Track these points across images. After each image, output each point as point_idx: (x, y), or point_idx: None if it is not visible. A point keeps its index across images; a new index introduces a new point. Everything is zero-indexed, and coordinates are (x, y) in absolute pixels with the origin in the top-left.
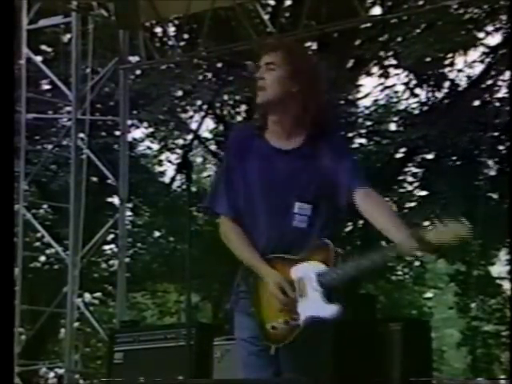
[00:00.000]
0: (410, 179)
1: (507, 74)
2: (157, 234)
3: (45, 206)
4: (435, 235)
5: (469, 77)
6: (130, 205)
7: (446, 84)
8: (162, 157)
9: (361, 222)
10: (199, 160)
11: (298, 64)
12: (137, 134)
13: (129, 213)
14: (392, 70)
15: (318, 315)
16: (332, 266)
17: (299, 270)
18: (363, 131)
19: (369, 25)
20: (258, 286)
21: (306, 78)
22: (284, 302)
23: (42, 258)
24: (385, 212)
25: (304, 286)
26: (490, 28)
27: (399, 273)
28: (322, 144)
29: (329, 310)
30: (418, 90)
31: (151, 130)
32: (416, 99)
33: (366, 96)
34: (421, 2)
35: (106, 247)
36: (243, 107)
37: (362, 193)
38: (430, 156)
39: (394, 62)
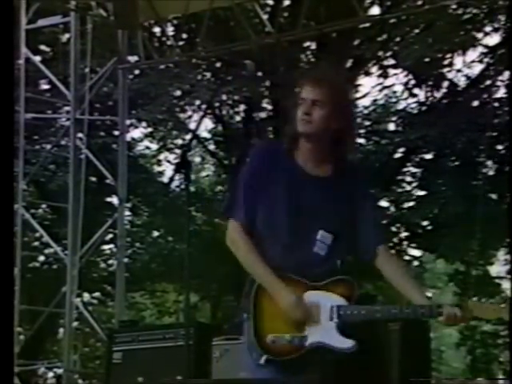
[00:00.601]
0: (408, 179)
1: (506, 74)
2: (155, 233)
3: (43, 206)
4: (481, 311)
5: (468, 77)
6: (128, 204)
7: (445, 84)
8: (161, 156)
9: None
10: (198, 160)
11: (341, 103)
12: (135, 133)
13: (127, 212)
14: (391, 70)
15: (329, 343)
16: (353, 302)
17: (315, 296)
18: (362, 131)
19: (367, 25)
20: (262, 297)
21: (347, 117)
22: (297, 318)
23: (41, 258)
24: (405, 276)
25: (318, 312)
26: (488, 28)
27: None
28: (349, 179)
29: (343, 343)
30: (416, 90)
31: (150, 129)
32: (415, 99)
33: (364, 96)
34: (419, 2)
35: (105, 247)
36: (242, 107)
37: (383, 253)
38: (428, 156)
39: (392, 61)
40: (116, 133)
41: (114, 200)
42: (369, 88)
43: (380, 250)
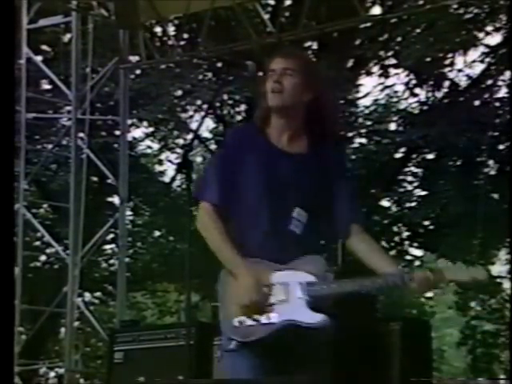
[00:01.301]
0: (409, 179)
1: (507, 74)
2: (157, 233)
3: (45, 206)
4: (452, 273)
5: (469, 77)
6: (130, 204)
7: (446, 84)
8: (162, 156)
9: None
10: (199, 160)
11: (313, 74)
12: (137, 133)
13: (129, 212)
14: (392, 70)
15: (298, 320)
16: (321, 279)
17: (284, 276)
18: (363, 131)
19: (369, 24)
20: (228, 280)
21: (319, 89)
22: (254, 299)
23: (42, 258)
24: (377, 252)
25: (287, 291)
26: (489, 28)
27: None
28: (325, 155)
29: (314, 317)
30: (417, 90)
31: (151, 129)
32: (416, 99)
33: (365, 96)
34: (421, 2)
35: (106, 247)
36: (243, 107)
37: (357, 232)
38: (430, 156)
39: (393, 61)
40: (117, 132)
41: (116, 200)
42: (370, 88)
43: (353, 229)
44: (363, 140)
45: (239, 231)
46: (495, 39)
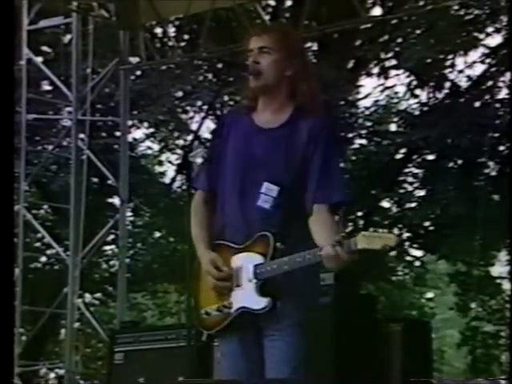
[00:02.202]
0: (410, 180)
1: (508, 75)
2: (157, 234)
3: (45, 207)
4: (362, 243)
5: (469, 78)
6: (130, 205)
7: (447, 85)
8: (163, 157)
9: (361, 222)
10: (199, 161)
11: (292, 48)
12: (137, 134)
13: (129, 213)
14: (392, 71)
15: (249, 307)
16: (269, 259)
17: (239, 259)
18: (363, 132)
19: (369, 25)
20: (197, 269)
21: (299, 62)
22: (219, 277)
23: (43, 259)
24: (329, 230)
25: (241, 276)
26: (490, 29)
27: (399, 273)
28: (302, 129)
29: (259, 303)
30: (418, 91)
31: (151, 130)
32: (416, 100)
33: (366, 97)
34: (421, 3)
35: (107, 248)
36: None
37: (319, 212)
38: (430, 157)
39: (394, 62)
40: (118, 133)
41: (116, 201)
42: (370, 89)
43: (315, 209)
44: (363, 141)
45: (221, 214)
46: (496, 40)
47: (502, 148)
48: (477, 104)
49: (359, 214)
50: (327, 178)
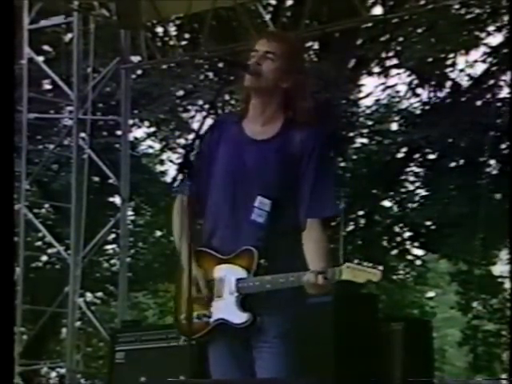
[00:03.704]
0: (411, 179)
1: (509, 74)
2: (158, 233)
3: (46, 206)
4: (350, 273)
5: (471, 77)
6: (131, 204)
7: (448, 84)
8: (164, 156)
9: (362, 221)
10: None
11: (295, 62)
12: (138, 133)
13: (130, 212)
14: (393, 70)
15: (227, 319)
16: (252, 274)
17: (222, 271)
18: (365, 131)
19: (370, 24)
20: (181, 274)
21: (298, 78)
22: (194, 297)
23: (44, 258)
24: (320, 249)
25: (222, 287)
26: (491, 28)
27: (401, 272)
28: (294, 142)
29: (239, 317)
30: (419, 90)
31: (152, 129)
32: (418, 99)
33: (367, 96)
34: (422, 2)
35: (108, 247)
36: None
37: (312, 228)
38: (431, 156)
39: (395, 61)
40: (119, 133)
41: (117, 200)
42: (371, 88)
43: (308, 224)
44: (365, 140)
45: (209, 222)
46: (497, 39)
47: (503, 147)
48: (478, 103)
49: (360, 213)
50: (320, 193)
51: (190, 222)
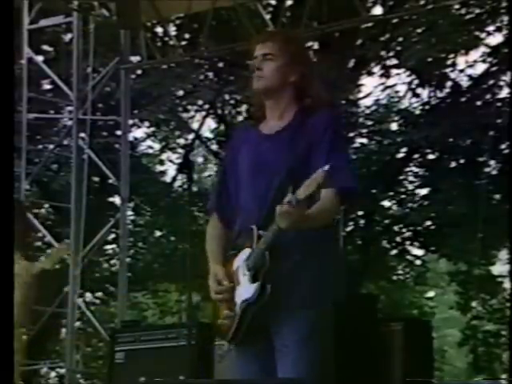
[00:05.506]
0: (411, 179)
1: (509, 74)
2: (158, 233)
3: (46, 206)
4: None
5: (471, 77)
6: (131, 204)
7: (448, 84)
8: (164, 156)
9: (362, 221)
10: (200, 160)
11: (296, 53)
12: (138, 133)
13: (130, 212)
14: (393, 70)
15: (246, 298)
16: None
17: (237, 260)
18: (364, 131)
19: (370, 24)
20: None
21: (303, 67)
22: (217, 291)
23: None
24: (325, 208)
25: (238, 274)
26: (491, 28)
27: (400, 272)
28: (308, 122)
29: (250, 290)
30: (419, 90)
31: (152, 129)
32: (417, 99)
33: (367, 96)
34: (422, 2)
35: (108, 247)
36: (244, 107)
37: (323, 196)
38: (431, 156)
39: (395, 61)
40: (118, 133)
41: (117, 200)
42: (371, 88)
43: (322, 195)
44: (364, 140)
45: (238, 228)
46: (497, 39)
47: (502, 147)
48: (478, 103)
49: (360, 213)
50: (335, 162)
51: (221, 235)
